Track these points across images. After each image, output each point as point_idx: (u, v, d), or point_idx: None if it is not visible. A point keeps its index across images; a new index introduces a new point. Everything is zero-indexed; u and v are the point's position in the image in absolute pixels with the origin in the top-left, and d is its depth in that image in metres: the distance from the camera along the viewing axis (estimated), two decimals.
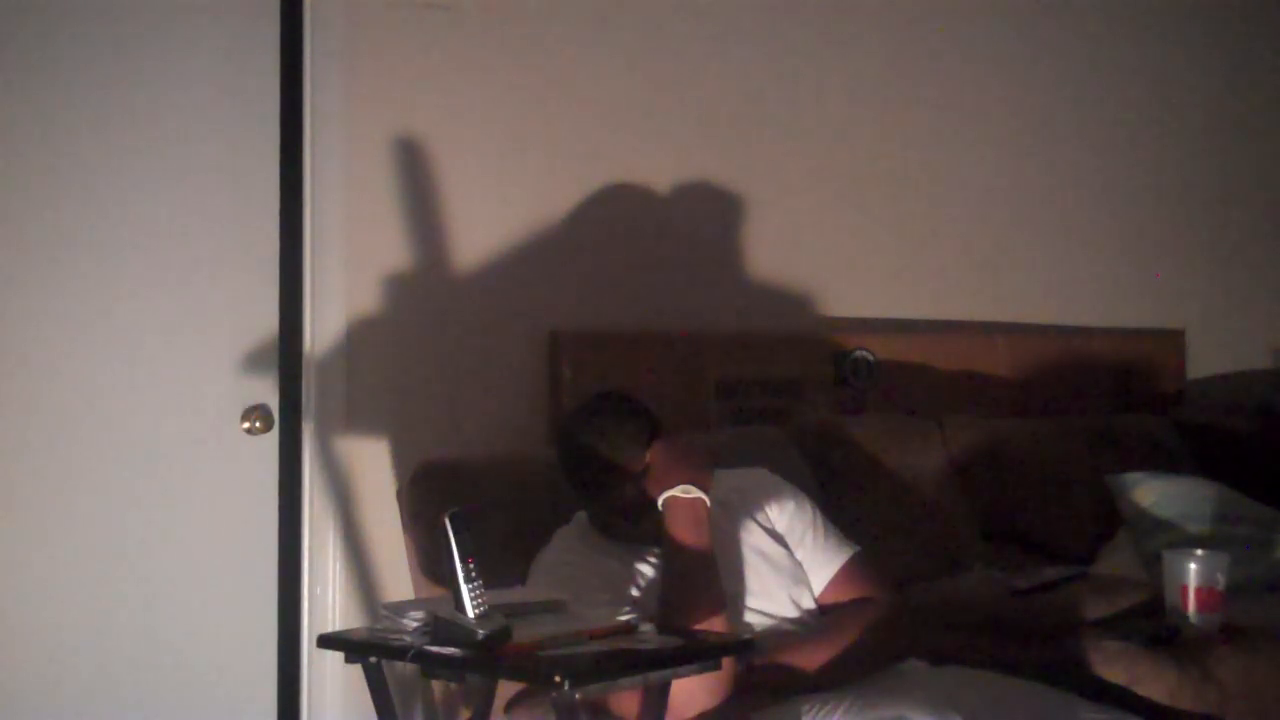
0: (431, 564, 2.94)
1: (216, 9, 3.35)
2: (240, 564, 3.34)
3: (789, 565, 2.72)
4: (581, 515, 2.77)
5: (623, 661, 2.25)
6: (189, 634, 3.26)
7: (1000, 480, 3.93)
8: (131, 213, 3.22)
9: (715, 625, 2.46)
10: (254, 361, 3.34)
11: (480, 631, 2.20)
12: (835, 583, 2.74)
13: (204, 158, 3.31)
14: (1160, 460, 4.10)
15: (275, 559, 3.38)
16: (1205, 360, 4.95)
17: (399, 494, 3.17)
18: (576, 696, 2.12)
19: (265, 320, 3.37)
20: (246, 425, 3.31)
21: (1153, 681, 2.93)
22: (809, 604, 2.70)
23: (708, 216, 3.98)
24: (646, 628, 2.38)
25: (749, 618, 2.64)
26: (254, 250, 3.36)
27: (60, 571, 3.14)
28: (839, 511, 3.05)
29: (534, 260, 3.61)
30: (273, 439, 3.36)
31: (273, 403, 3.36)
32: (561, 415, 3.39)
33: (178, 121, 3.28)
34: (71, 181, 3.17)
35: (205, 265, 3.30)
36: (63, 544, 3.15)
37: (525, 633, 2.25)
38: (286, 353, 3.65)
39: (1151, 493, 3.85)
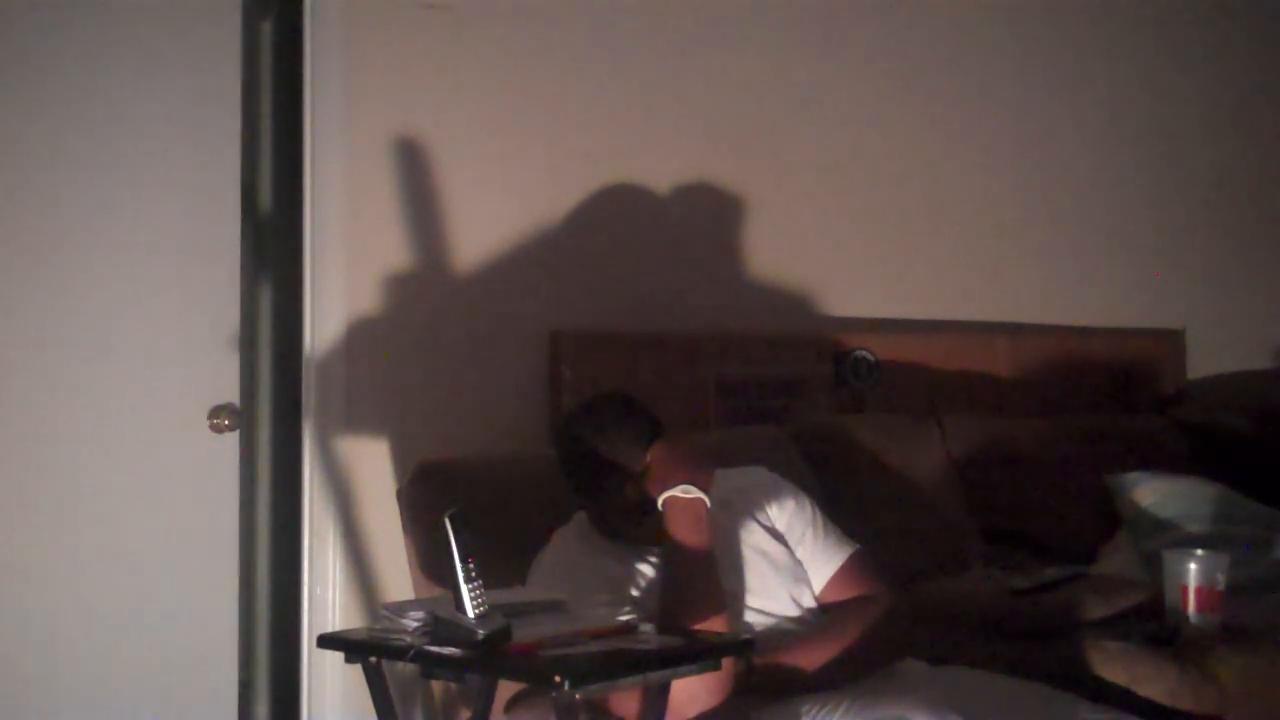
0: (431, 564, 2.94)
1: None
2: (212, 563, 3.35)
3: (789, 564, 2.72)
4: (581, 515, 2.77)
5: (623, 661, 2.25)
6: (166, 630, 3.28)
7: (1000, 480, 3.93)
8: (106, 212, 3.23)
9: (715, 625, 2.46)
10: (221, 360, 3.35)
11: (480, 631, 2.20)
12: (835, 581, 2.74)
13: (190, 158, 3.31)
14: (1160, 460, 4.09)
15: (236, 557, 3.40)
16: (1205, 360, 4.95)
17: (399, 494, 3.17)
18: (576, 696, 2.12)
19: (235, 319, 3.38)
20: (213, 423, 3.31)
21: (1153, 681, 2.93)
22: (809, 602, 2.70)
23: (708, 216, 3.98)
24: (646, 628, 2.38)
25: (749, 617, 2.64)
26: (221, 250, 3.35)
27: (47, 570, 3.15)
28: (839, 511, 3.05)
29: (534, 260, 3.61)
30: (236, 437, 3.38)
31: (238, 401, 3.37)
32: (561, 415, 3.39)
33: (166, 121, 3.29)
34: (53, 179, 3.17)
35: (172, 265, 3.30)
36: (46, 543, 3.16)
37: (525, 633, 2.25)
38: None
39: (1151, 493, 3.84)
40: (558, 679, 2.10)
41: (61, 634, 3.16)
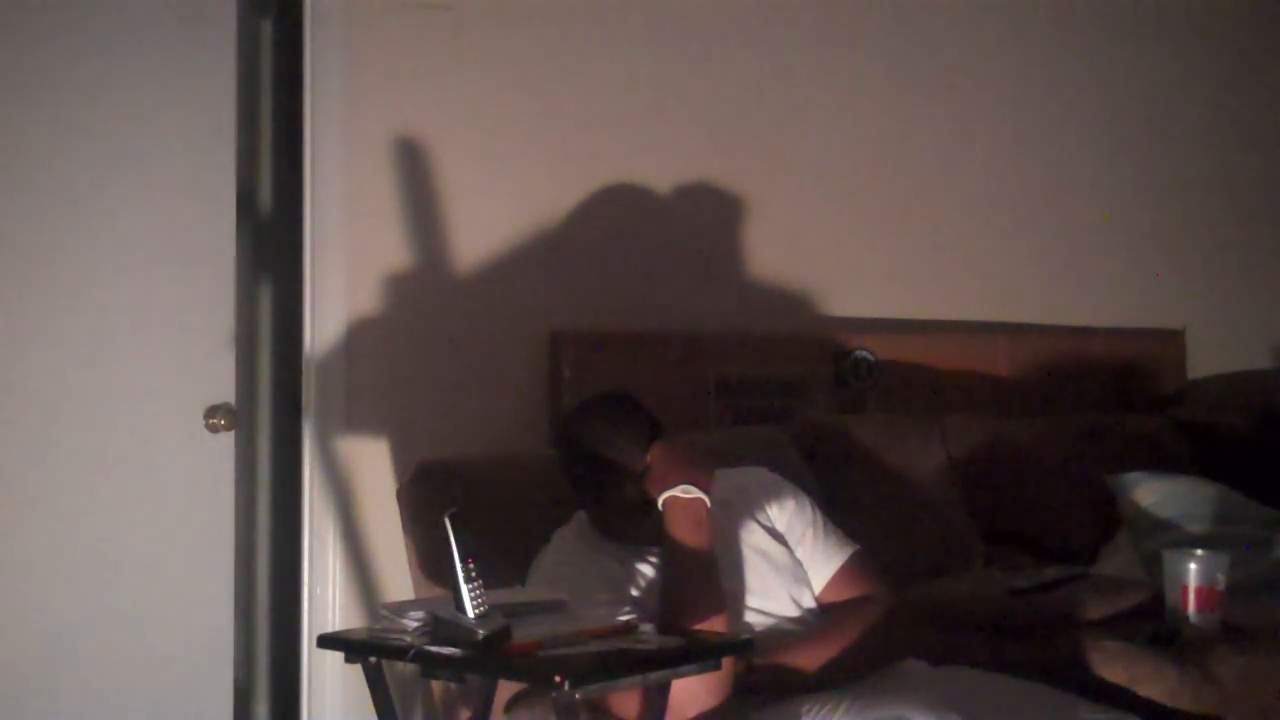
0: (431, 564, 2.94)
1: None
2: (208, 563, 3.35)
3: (789, 564, 2.72)
4: (581, 515, 2.76)
5: (623, 661, 2.25)
6: (160, 630, 3.28)
7: (1000, 480, 3.92)
8: (101, 212, 3.22)
9: (715, 625, 2.46)
10: (217, 360, 3.35)
11: (480, 631, 2.20)
12: (835, 581, 2.74)
13: (186, 157, 3.31)
14: (1160, 460, 4.09)
15: (232, 557, 3.40)
16: (1205, 360, 4.95)
17: (399, 494, 3.17)
18: (576, 696, 2.12)
19: (231, 318, 3.38)
20: (209, 423, 3.31)
21: (1153, 681, 2.93)
22: (809, 603, 2.71)
23: (708, 216, 3.98)
24: (646, 628, 2.38)
25: (749, 617, 2.64)
26: (217, 250, 3.36)
27: (41, 570, 3.15)
28: (839, 511, 3.05)
29: (534, 260, 3.61)
30: (231, 438, 3.38)
31: (234, 401, 3.37)
32: (561, 415, 3.39)
33: (160, 120, 3.28)
34: (48, 178, 3.17)
35: (168, 265, 3.30)
36: (41, 543, 3.16)
37: (525, 633, 2.25)
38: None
39: (1151, 493, 3.84)
40: (558, 679, 2.10)
41: (56, 633, 3.15)
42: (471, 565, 2.21)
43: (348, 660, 2.41)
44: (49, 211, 3.17)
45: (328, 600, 3.35)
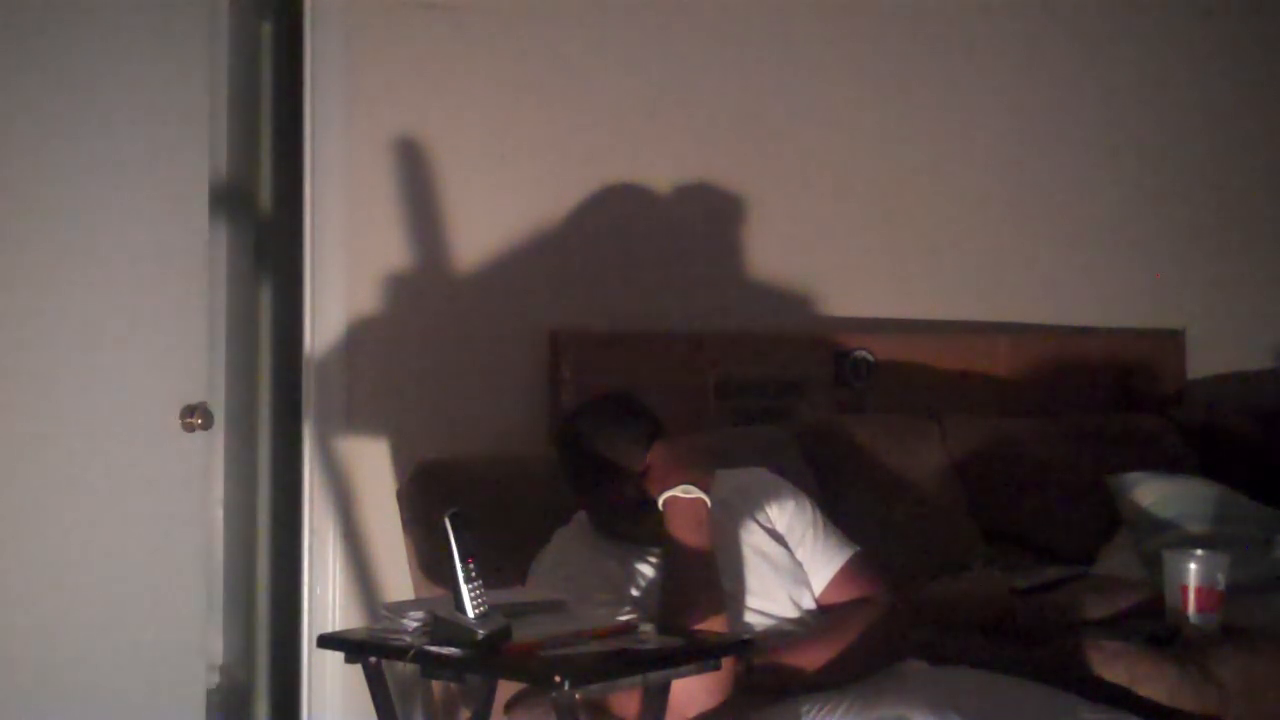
0: (431, 564, 2.94)
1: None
2: (185, 563, 3.35)
3: (789, 565, 2.72)
4: (581, 515, 2.77)
5: (623, 661, 2.25)
6: (125, 628, 3.27)
7: (1000, 480, 3.92)
8: (81, 211, 3.21)
9: (715, 625, 2.46)
10: (201, 359, 3.35)
11: (480, 631, 2.20)
12: (835, 582, 2.74)
13: (163, 155, 3.31)
14: (1160, 460, 4.09)
15: (206, 555, 3.41)
16: (1205, 360, 4.94)
17: (399, 494, 3.17)
18: (576, 696, 2.12)
19: (207, 319, 3.39)
20: (185, 422, 3.30)
21: (1153, 681, 2.93)
22: (809, 604, 2.71)
23: (708, 216, 3.98)
24: (646, 628, 2.38)
25: (749, 617, 2.64)
26: (196, 248, 3.35)
27: (18, 569, 3.15)
28: (839, 511, 3.05)
29: (534, 260, 3.61)
30: (210, 437, 3.38)
31: (213, 401, 3.38)
32: (561, 415, 3.39)
33: (136, 116, 3.27)
34: (28, 179, 3.16)
35: (144, 264, 3.30)
36: (23, 544, 3.15)
37: (525, 633, 2.25)
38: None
39: (1151, 493, 3.84)
40: (558, 679, 2.10)
41: (30, 631, 3.14)
42: (471, 565, 2.21)
43: (348, 660, 2.41)
44: (28, 210, 3.16)
45: (328, 600, 3.35)
